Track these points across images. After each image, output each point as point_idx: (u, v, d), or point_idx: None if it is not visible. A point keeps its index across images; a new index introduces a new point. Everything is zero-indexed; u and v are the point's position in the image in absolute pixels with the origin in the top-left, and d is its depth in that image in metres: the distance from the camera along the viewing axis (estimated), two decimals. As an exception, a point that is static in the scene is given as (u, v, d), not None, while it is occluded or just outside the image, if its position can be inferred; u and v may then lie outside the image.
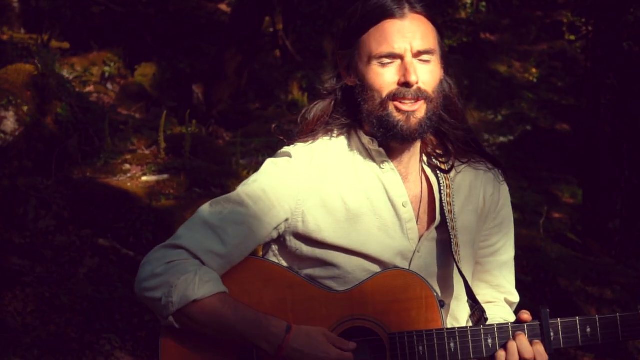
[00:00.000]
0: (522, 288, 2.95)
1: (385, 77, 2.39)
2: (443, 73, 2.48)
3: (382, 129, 2.41)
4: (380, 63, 2.40)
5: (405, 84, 2.37)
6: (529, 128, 13.30)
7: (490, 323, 2.45)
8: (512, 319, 2.57)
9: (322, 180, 2.45)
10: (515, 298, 2.67)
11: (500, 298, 2.65)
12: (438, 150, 2.55)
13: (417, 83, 2.38)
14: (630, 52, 9.39)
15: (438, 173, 2.53)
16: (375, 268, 2.44)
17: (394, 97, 2.39)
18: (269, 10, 13.29)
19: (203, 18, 14.18)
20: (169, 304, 2.32)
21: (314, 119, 2.51)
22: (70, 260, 5.84)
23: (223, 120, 11.44)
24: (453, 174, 2.54)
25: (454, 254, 2.47)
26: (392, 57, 2.39)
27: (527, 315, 2.41)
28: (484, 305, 2.52)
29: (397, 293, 2.40)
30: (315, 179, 2.45)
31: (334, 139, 2.51)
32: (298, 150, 2.48)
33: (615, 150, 9.24)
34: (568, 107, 14.03)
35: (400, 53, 2.38)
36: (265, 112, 12.27)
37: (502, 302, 2.65)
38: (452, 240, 2.47)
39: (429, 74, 2.41)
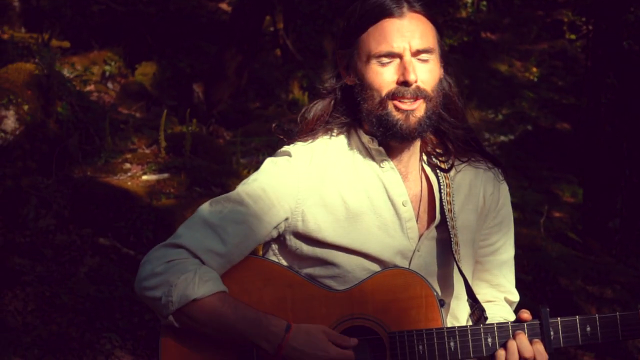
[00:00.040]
0: (522, 287, 2.95)
1: (384, 76, 2.39)
2: (442, 72, 2.48)
3: (381, 128, 2.42)
4: (379, 62, 2.40)
5: (404, 83, 2.38)
6: (530, 127, 13.29)
7: (490, 322, 2.45)
8: (512, 318, 2.57)
9: (322, 179, 2.45)
10: (515, 297, 2.67)
11: (500, 297, 2.65)
12: (438, 149, 2.55)
13: (416, 82, 2.38)
14: (631, 51, 9.39)
15: (438, 172, 2.53)
16: (375, 267, 2.43)
17: (393, 96, 2.39)
18: (269, 10, 13.28)
19: (203, 17, 14.17)
20: (169, 303, 2.32)
21: (314, 118, 2.51)
22: (71, 259, 5.84)
23: (223, 120, 11.44)
24: (453, 173, 2.54)
25: (454, 253, 2.47)
26: (391, 56, 2.39)
27: (527, 314, 2.41)
28: (484, 304, 2.52)
29: (397, 292, 2.40)
30: (315, 178, 2.45)
31: (334, 138, 2.51)
32: (298, 150, 2.48)
33: (616, 150, 9.24)
34: (568, 106, 14.02)
35: (399, 52, 2.38)
36: (266, 111, 12.25)
37: (502, 301, 2.65)
38: (452, 239, 2.47)
39: (428, 73, 2.41)
